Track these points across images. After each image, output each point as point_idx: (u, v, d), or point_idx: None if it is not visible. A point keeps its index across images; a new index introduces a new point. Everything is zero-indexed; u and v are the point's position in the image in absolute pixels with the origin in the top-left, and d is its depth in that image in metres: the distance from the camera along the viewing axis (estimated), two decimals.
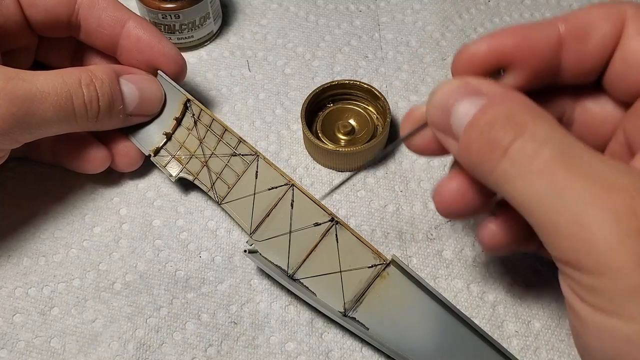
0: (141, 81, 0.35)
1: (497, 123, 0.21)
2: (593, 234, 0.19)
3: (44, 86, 0.29)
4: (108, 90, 0.32)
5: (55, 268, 0.34)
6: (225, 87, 0.42)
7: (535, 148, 0.20)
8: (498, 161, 0.21)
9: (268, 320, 0.33)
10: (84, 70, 0.32)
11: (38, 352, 0.32)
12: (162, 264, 0.34)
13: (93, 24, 0.34)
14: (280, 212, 0.32)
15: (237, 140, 0.34)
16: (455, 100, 0.23)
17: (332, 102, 0.40)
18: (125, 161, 0.36)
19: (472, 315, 0.32)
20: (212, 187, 0.34)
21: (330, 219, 0.31)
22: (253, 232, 0.33)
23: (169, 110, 0.36)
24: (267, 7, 0.47)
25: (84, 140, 0.35)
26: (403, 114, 0.40)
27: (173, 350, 0.32)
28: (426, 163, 0.38)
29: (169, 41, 0.36)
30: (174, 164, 0.36)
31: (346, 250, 0.31)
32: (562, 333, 0.32)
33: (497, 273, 0.34)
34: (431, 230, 0.35)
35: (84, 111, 0.31)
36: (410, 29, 0.45)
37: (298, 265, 0.32)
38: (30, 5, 0.33)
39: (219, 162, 0.35)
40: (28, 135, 0.30)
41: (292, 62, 0.44)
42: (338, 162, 0.37)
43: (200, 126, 0.35)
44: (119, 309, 0.33)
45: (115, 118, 0.33)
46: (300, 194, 0.32)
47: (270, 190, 0.33)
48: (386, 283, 0.31)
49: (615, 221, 0.18)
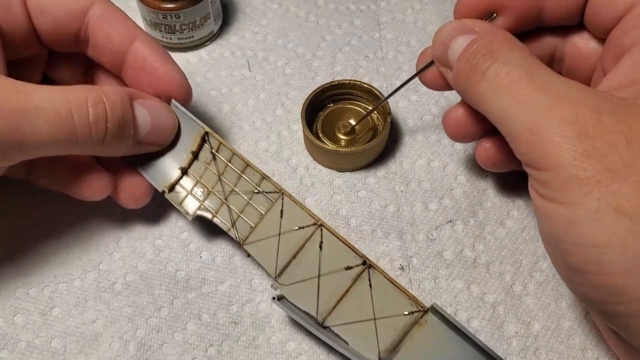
0: (155, 108, 0.32)
1: (479, 52, 0.27)
2: (543, 136, 0.23)
3: (41, 100, 0.27)
4: (119, 112, 0.30)
5: (56, 268, 0.34)
6: (226, 87, 0.42)
7: (506, 71, 0.25)
8: (478, 83, 0.26)
9: (269, 320, 0.33)
10: (95, 88, 0.29)
11: (39, 352, 0.32)
12: (162, 264, 0.35)
13: (101, 39, 0.33)
14: (308, 254, 0.31)
15: (259, 177, 0.32)
16: (453, 37, 0.28)
17: (333, 102, 0.40)
18: (131, 197, 0.33)
19: (472, 315, 0.33)
20: (232, 226, 0.32)
21: (363, 262, 0.30)
22: (278, 276, 0.31)
23: (184, 143, 0.34)
24: (267, 7, 0.47)
25: (85, 164, 0.33)
26: (403, 114, 0.40)
27: (174, 350, 0.32)
28: (426, 163, 0.38)
29: (175, 64, 0.34)
30: (190, 201, 0.33)
31: (380, 295, 0.29)
32: (561, 334, 0.32)
33: (497, 274, 0.34)
34: (431, 230, 0.35)
35: (87, 132, 0.28)
36: (410, 28, 0.45)
37: (328, 311, 0.30)
38: (38, 12, 0.31)
39: (240, 200, 0.32)
40: (20, 153, 0.27)
41: (292, 62, 0.44)
42: (338, 162, 0.37)
43: (219, 160, 0.33)
44: (119, 309, 0.33)
45: (124, 144, 0.31)
46: (329, 234, 0.30)
47: (297, 231, 0.31)
48: (424, 331, 0.28)
49: (561, 125, 0.23)
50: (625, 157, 0.22)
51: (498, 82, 0.25)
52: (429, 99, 0.41)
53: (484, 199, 0.36)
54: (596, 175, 0.22)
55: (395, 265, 0.34)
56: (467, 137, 0.32)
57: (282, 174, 0.38)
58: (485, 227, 0.35)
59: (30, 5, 0.31)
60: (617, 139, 0.22)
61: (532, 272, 0.34)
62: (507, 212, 0.36)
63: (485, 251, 0.35)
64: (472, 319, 0.32)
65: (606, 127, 0.22)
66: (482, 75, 0.26)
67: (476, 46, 0.27)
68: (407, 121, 0.40)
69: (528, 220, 0.36)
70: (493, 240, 0.35)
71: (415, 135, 0.39)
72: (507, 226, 0.35)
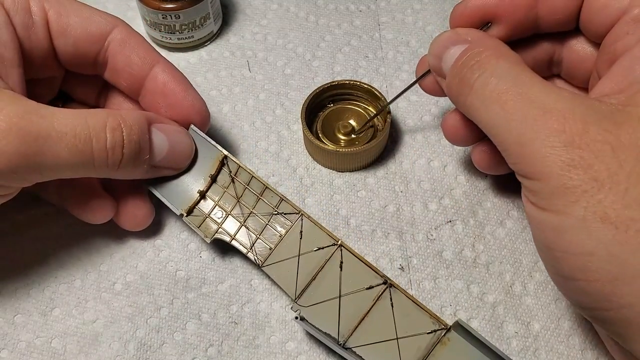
0: (173, 133, 0.32)
1: (468, 64, 0.27)
2: (531, 148, 0.24)
3: (62, 125, 0.27)
4: (136, 138, 0.30)
5: (57, 269, 0.34)
6: (226, 87, 0.42)
7: (494, 82, 0.26)
8: (467, 95, 0.27)
9: (268, 320, 0.33)
10: (113, 113, 0.29)
11: (39, 352, 0.32)
12: (162, 264, 0.35)
13: (121, 63, 0.33)
14: (328, 275, 0.31)
15: (278, 199, 0.32)
16: (446, 47, 0.29)
17: (332, 102, 0.40)
18: (131, 221, 0.34)
19: (472, 315, 0.33)
20: (251, 249, 0.32)
21: (384, 281, 0.30)
22: (298, 297, 0.31)
23: (202, 167, 0.34)
24: (267, 7, 0.47)
25: (90, 187, 0.33)
26: (403, 114, 0.40)
27: (174, 350, 0.32)
28: (426, 163, 0.38)
29: (195, 90, 0.34)
30: (208, 224, 0.33)
31: (402, 314, 0.29)
32: (561, 334, 0.32)
33: (497, 274, 0.34)
34: (431, 230, 0.35)
35: (104, 157, 0.29)
36: (410, 28, 0.45)
37: (350, 332, 0.29)
38: (60, 35, 0.31)
39: (258, 222, 0.33)
40: (38, 175, 0.28)
41: (292, 62, 0.44)
42: (338, 162, 0.37)
43: (238, 184, 0.33)
44: (119, 309, 0.33)
45: (139, 168, 0.31)
46: (349, 254, 0.30)
47: (316, 251, 0.31)
48: (448, 350, 0.28)
49: (548, 136, 0.23)
50: (611, 166, 0.22)
51: (486, 95, 0.26)
52: (429, 99, 0.41)
53: (484, 198, 0.37)
54: (582, 184, 0.22)
55: (395, 265, 0.34)
56: (464, 142, 0.33)
57: (282, 174, 0.38)
58: (485, 227, 0.35)
59: (52, 27, 0.31)
60: (603, 148, 0.22)
61: (532, 272, 0.34)
62: (507, 212, 0.36)
63: (485, 251, 0.35)
64: (472, 319, 0.32)
65: (592, 137, 0.23)
66: (471, 87, 0.26)
67: (465, 57, 0.27)
68: (406, 121, 0.40)
69: None
70: (493, 240, 0.35)
71: (415, 136, 0.39)
72: (507, 226, 0.35)
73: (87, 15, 0.32)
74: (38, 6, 0.31)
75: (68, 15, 0.31)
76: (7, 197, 0.29)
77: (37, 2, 0.31)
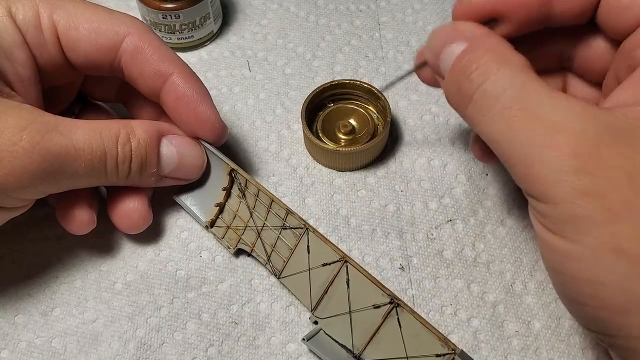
0: (184, 145, 0.33)
1: (466, 71, 0.24)
2: (538, 170, 0.22)
3: (80, 142, 0.28)
4: (143, 152, 0.31)
5: (58, 269, 0.34)
6: (226, 86, 0.42)
7: (495, 95, 0.23)
8: (466, 107, 0.25)
9: (269, 321, 0.33)
10: (125, 126, 0.30)
11: (39, 352, 0.32)
12: (162, 263, 0.35)
13: (135, 73, 0.32)
14: (337, 290, 0.30)
15: (285, 211, 0.32)
16: (443, 45, 0.26)
17: (333, 102, 0.40)
18: (125, 223, 0.33)
19: (472, 315, 0.32)
20: (268, 260, 0.33)
21: (390, 300, 0.29)
22: (314, 309, 0.31)
23: (216, 181, 0.35)
24: (267, 7, 0.47)
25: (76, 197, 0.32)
26: (403, 113, 0.40)
27: (174, 350, 0.32)
28: (427, 163, 0.38)
29: (211, 105, 0.33)
30: (230, 234, 0.34)
31: (410, 334, 0.29)
32: (562, 333, 0.32)
33: (498, 273, 0.34)
34: (431, 230, 0.35)
35: (115, 170, 0.30)
36: (410, 28, 0.45)
37: (363, 346, 0.29)
38: (70, 49, 0.31)
39: (271, 234, 0.33)
40: (55, 188, 0.29)
41: (292, 62, 0.44)
42: (338, 162, 0.37)
43: (249, 195, 0.33)
44: (119, 309, 0.33)
45: (147, 179, 0.32)
46: (355, 271, 0.30)
47: (324, 267, 0.31)
48: None
49: (557, 159, 0.21)
50: (627, 195, 0.21)
51: (487, 109, 0.24)
52: (429, 98, 0.41)
53: (484, 197, 0.36)
54: (594, 214, 0.21)
55: (395, 265, 0.34)
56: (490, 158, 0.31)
57: (282, 173, 0.38)
58: (485, 226, 0.35)
59: (63, 42, 0.31)
60: (618, 175, 0.21)
61: (533, 271, 0.34)
62: (507, 210, 0.36)
63: (486, 250, 0.34)
64: (473, 318, 0.32)
65: (606, 162, 0.21)
66: (470, 98, 0.24)
67: (463, 62, 0.25)
68: (407, 120, 0.40)
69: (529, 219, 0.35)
70: (493, 239, 0.35)
71: (415, 135, 0.39)
72: (508, 225, 0.35)
73: (96, 26, 0.31)
74: (48, 20, 0.30)
75: (77, 28, 0.31)
76: (26, 207, 0.30)
77: (47, 17, 0.30)
